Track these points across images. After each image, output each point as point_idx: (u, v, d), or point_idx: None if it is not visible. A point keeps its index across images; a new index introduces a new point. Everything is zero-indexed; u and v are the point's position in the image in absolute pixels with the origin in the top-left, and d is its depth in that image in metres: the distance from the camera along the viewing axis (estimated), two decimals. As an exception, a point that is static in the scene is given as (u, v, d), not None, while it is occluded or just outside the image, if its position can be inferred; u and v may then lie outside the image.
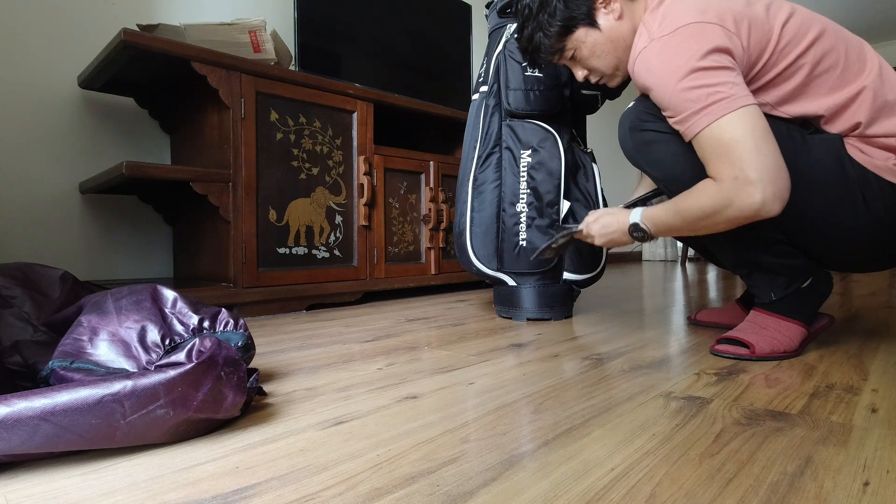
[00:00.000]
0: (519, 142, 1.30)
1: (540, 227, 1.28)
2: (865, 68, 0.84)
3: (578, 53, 1.01)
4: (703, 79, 0.78)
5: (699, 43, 0.80)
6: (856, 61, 0.84)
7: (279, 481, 0.46)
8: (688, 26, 0.82)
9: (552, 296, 1.31)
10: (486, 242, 1.33)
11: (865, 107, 0.82)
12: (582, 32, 0.98)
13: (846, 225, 0.85)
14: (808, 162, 0.84)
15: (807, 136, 0.86)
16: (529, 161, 1.29)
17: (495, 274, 1.33)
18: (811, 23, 0.85)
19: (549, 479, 0.46)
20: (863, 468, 0.48)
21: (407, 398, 0.70)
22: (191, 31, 1.42)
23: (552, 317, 1.32)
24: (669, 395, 0.70)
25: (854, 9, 4.12)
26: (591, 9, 0.96)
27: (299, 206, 1.53)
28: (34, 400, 0.47)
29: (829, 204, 0.85)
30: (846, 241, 0.87)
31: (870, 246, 0.87)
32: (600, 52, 0.99)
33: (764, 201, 0.76)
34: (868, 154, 0.83)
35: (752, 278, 0.95)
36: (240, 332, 0.72)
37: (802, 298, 0.92)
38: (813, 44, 0.83)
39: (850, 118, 0.84)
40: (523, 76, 1.28)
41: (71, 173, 1.54)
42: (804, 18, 0.85)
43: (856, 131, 0.84)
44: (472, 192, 1.35)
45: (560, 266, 1.33)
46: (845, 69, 0.84)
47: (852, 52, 0.85)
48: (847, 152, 0.84)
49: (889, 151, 0.82)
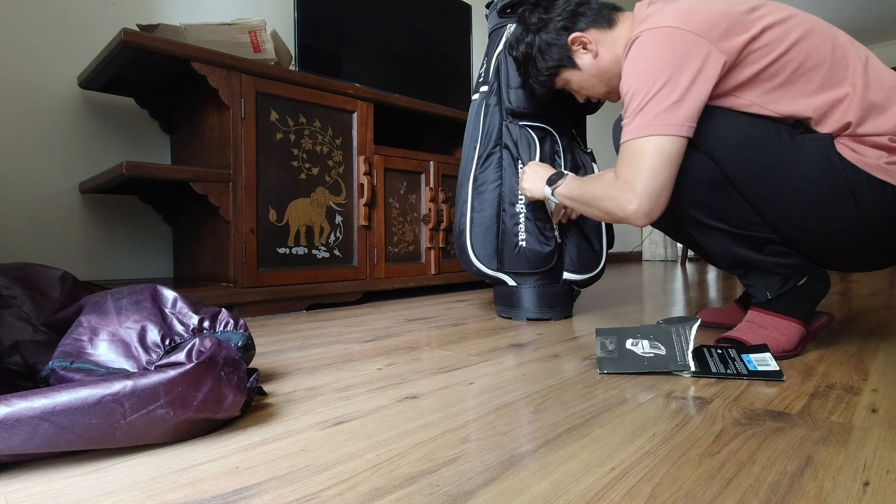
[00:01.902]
0: (519, 142, 1.30)
1: (539, 228, 1.28)
2: (849, 67, 0.85)
3: (570, 87, 1.13)
4: (659, 95, 0.86)
5: (671, 53, 0.86)
6: (841, 60, 0.85)
7: (279, 481, 0.46)
8: (670, 30, 0.86)
9: (552, 296, 1.31)
10: (486, 242, 1.33)
11: (854, 107, 0.83)
12: (567, 73, 1.10)
13: (836, 224, 0.86)
14: (796, 161, 0.85)
15: (796, 136, 0.86)
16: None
17: (495, 274, 1.33)
18: (798, 22, 0.86)
19: (549, 479, 0.46)
20: (863, 468, 0.48)
21: (407, 398, 0.70)
22: (191, 31, 1.42)
23: (552, 317, 1.32)
24: (669, 395, 0.70)
25: (854, 9, 4.12)
26: (568, 56, 1.07)
27: (299, 206, 1.53)
28: (34, 400, 0.47)
29: (818, 203, 0.85)
30: (837, 239, 0.87)
31: (862, 244, 0.87)
32: (588, 85, 1.10)
33: (636, 211, 0.89)
34: (859, 153, 0.83)
35: (748, 278, 0.96)
36: (240, 332, 0.72)
37: (799, 296, 0.92)
38: (796, 43, 0.84)
39: (840, 119, 0.84)
40: None
41: (71, 173, 1.54)
42: (791, 18, 0.86)
43: (846, 131, 0.84)
44: (473, 191, 1.35)
45: (560, 266, 1.33)
46: (832, 68, 0.85)
47: (839, 51, 0.85)
48: (837, 151, 0.84)
49: (880, 150, 0.82)
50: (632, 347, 0.85)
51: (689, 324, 0.84)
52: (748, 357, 0.82)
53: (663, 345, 0.83)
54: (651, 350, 0.83)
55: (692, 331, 0.82)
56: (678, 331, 0.84)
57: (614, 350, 0.85)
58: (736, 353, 0.84)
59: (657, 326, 0.87)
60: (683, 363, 0.79)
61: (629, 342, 0.86)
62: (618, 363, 0.82)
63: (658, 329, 0.86)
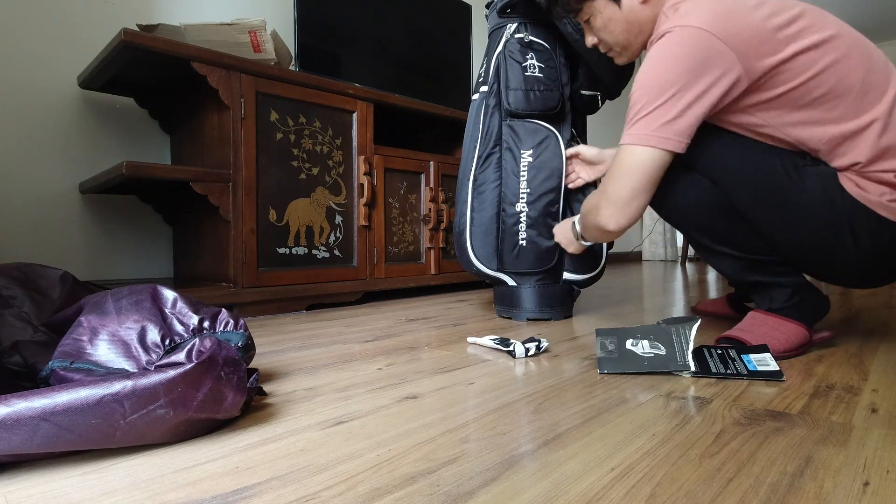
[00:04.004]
0: (519, 141, 1.30)
1: (539, 227, 1.28)
2: (876, 99, 0.81)
3: (593, 21, 1.03)
4: (667, 104, 0.84)
5: (691, 60, 0.82)
6: (872, 89, 0.82)
7: (279, 481, 0.46)
8: (700, 33, 0.82)
9: (552, 296, 1.31)
10: (485, 242, 1.33)
11: (868, 147, 0.81)
12: (602, 3, 1.00)
13: (832, 255, 0.88)
14: (799, 193, 0.86)
15: (801, 168, 0.86)
16: (530, 161, 1.29)
17: (495, 274, 1.33)
18: (836, 45, 0.82)
19: (549, 479, 0.46)
20: (863, 468, 0.48)
21: (407, 398, 0.70)
22: (191, 31, 1.42)
23: (552, 317, 1.32)
24: (669, 395, 0.70)
25: (854, 9, 4.12)
26: None
27: (299, 206, 1.53)
28: (34, 400, 0.47)
29: (816, 233, 0.86)
30: (834, 267, 0.90)
31: (857, 273, 0.90)
32: (612, 28, 1.01)
33: (607, 216, 0.94)
34: (863, 188, 0.83)
35: (756, 292, 0.98)
36: (240, 332, 0.72)
37: (802, 305, 0.94)
38: (827, 68, 0.81)
39: (851, 158, 0.83)
40: (523, 76, 1.28)
41: (71, 173, 1.54)
42: (828, 41, 0.82)
43: (854, 167, 0.83)
44: (473, 191, 1.35)
45: (560, 266, 1.33)
46: (859, 96, 0.81)
47: (871, 76, 0.82)
48: (840, 185, 0.84)
49: (885, 185, 0.82)
50: (632, 348, 0.85)
51: (689, 324, 0.84)
52: (748, 357, 0.82)
53: (663, 345, 0.83)
54: (651, 350, 0.83)
55: (692, 331, 0.82)
56: (678, 331, 0.84)
57: (614, 350, 0.85)
58: (736, 353, 0.84)
59: (657, 326, 0.87)
60: (683, 363, 0.79)
61: (629, 342, 0.86)
62: (618, 363, 0.82)
63: (658, 329, 0.86)
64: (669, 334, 0.84)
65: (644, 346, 0.84)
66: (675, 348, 0.81)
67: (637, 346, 0.85)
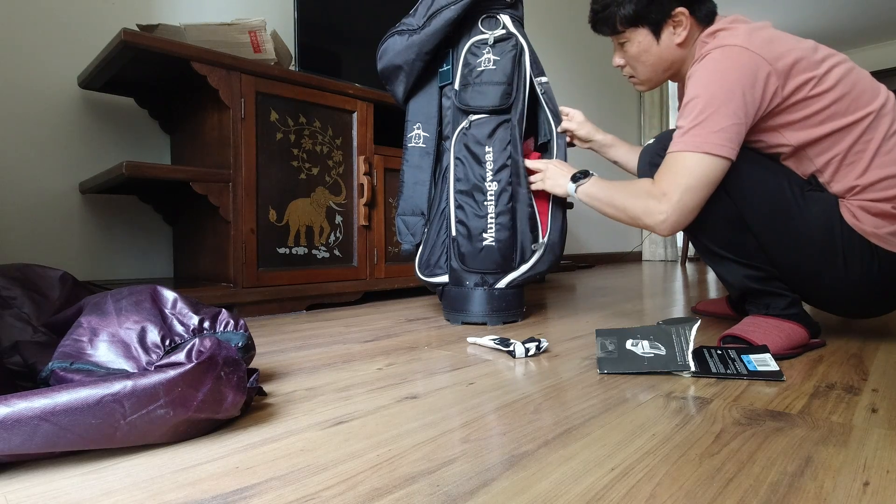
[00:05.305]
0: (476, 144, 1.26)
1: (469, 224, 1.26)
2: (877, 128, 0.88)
3: (628, 46, 1.07)
4: (719, 113, 0.88)
5: (740, 73, 0.87)
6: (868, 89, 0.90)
7: (279, 481, 0.46)
8: (741, 51, 0.88)
9: (497, 300, 1.25)
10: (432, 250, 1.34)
11: (867, 175, 0.88)
12: (643, 33, 1.03)
13: (823, 278, 0.93)
14: (801, 214, 0.91)
15: (806, 192, 0.92)
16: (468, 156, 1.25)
17: (436, 279, 1.33)
18: (871, 95, 0.90)
19: (549, 479, 0.46)
20: (863, 468, 0.48)
21: (407, 398, 0.70)
22: (191, 31, 1.42)
23: (489, 322, 1.26)
24: (669, 395, 0.70)
25: (854, 9, 4.12)
26: (662, 21, 1.01)
27: (299, 206, 1.53)
28: (34, 400, 0.47)
29: (812, 256, 0.92)
30: (825, 291, 0.95)
31: (849, 300, 0.95)
32: (645, 60, 1.06)
33: (663, 221, 0.93)
34: (859, 220, 0.88)
35: (752, 300, 1.01)
36: (240, 332, 0.72)
37: (798, 315, 0.97)
38: (866, 117, 0.88)
39: (849, 181, 0.90)
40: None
41: (71, 173, 1.54)
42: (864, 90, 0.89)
43: (852, 193, 0.90)
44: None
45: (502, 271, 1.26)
46: (868, 94, 0.89)
47: (880, 103, 0.89)
48: (840, 214, 0.90)
49: (881, 217, 0.87)
50: (632, 348, 0.85)
51: (689, 324, 0.84)
52: (748, 357, 0.82)
53: (663, 345, 0.83)
54: (651, 350, 0.83)
55: (692, 331, 0.82)
56: (678, 331, 0.84)
57: (614, 350, 0.85)
58: (736, 353, 0.84)
59: (657, 327, 0.87)
60: (683, 363, 0.79)
61: (629, 342, 0.86)
62: (618, 363, 0.82)
63: (658, 329, 0.86)
64: (669, 335, 0.84)
65: (644, 347, 0.84)
66: (675, 348, 0.81)
67: (637, 346, 0.85)
